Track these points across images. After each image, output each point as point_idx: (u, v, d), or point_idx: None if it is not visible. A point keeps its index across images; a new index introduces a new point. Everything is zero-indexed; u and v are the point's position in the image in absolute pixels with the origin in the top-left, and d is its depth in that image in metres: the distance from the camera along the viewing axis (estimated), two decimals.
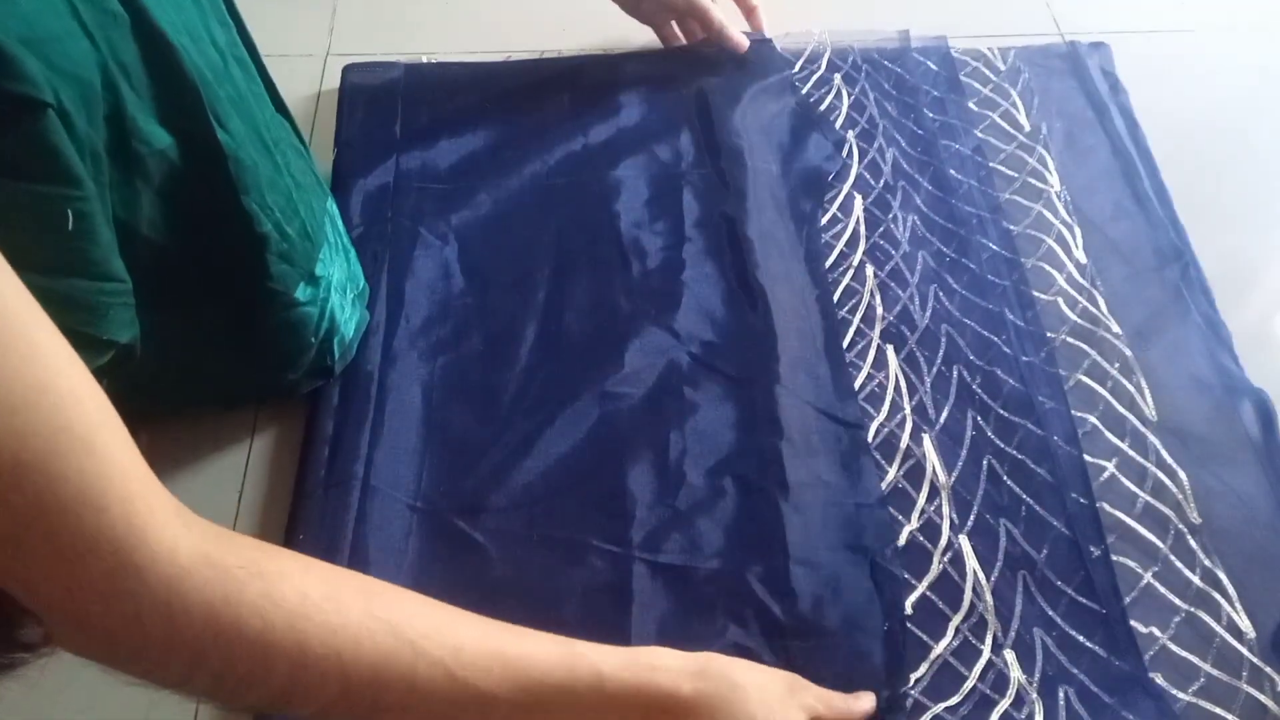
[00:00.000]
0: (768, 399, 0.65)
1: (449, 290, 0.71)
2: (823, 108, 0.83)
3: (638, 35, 0.88)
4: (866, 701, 0.54)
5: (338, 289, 0.62)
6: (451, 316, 0.70)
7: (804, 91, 0.85)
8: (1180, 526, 0.62)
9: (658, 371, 0.67)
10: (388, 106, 0.82)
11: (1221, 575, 0.60)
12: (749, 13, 0.88)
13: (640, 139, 0.80)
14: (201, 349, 0.58)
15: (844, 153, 0.80)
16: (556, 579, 0.58)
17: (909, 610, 0.58)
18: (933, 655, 0.57)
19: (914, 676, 0.56)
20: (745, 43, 0.85)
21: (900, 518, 0.62)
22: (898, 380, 0.68)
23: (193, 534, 0.37)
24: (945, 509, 0.62)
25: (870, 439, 0.65)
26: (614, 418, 0.64)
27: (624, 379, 0.66)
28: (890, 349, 0.69)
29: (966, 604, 0.58)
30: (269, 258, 0.54)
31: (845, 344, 0.70)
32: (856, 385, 0.68)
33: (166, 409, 0.63)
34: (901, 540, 0.61)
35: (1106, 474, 0.64)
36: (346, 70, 0.85)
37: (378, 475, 0.61)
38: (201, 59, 0.49)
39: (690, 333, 0.69)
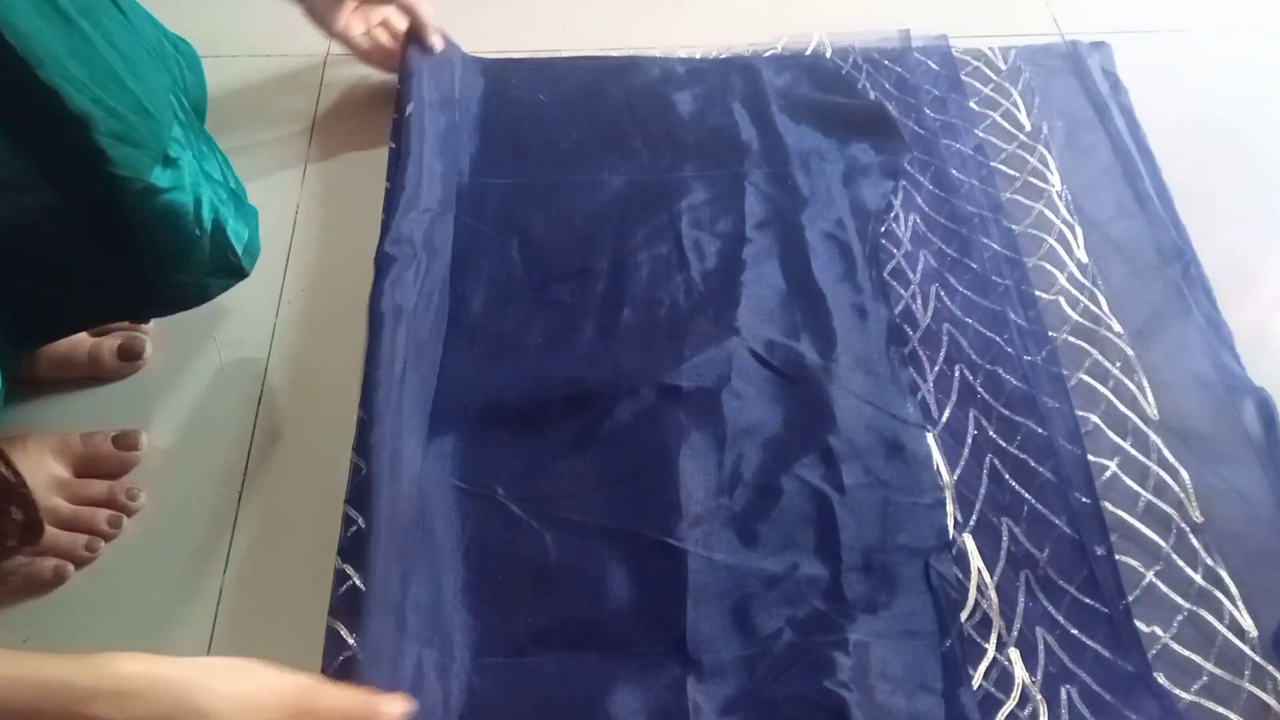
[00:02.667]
0: (825, 397, 0.65)
1: (509, 281, 0.71)
2: None
3: (636, 37, 0.88)
4: (396, 705, 0.49)
5: (209, 180, 0.58)
6: (511, 307, 0.70)
7: None
8: (1182, 525, 0.62)
9: (716, 369, 0.66)
10: (453, 87, 0.82)
11: (1224, 574, 0.60)
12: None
13: (701, 138, 0.80)
14: (79, 252, 0.54)
15: (905, 147, 0.80)
16: (612, 569, 0.58)
17: None
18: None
19: None
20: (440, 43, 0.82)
21: None
22: None
23: None
24: (948, 508, 0.62)
25: None
26: (671, 412, 0.64)
27: (682, 374, 0.66)
28: (893, 343, 0.69)
29: (971, 602, 0.58)
30: (101, 139, 0.49)
31: None
32: None
33: (80, 323, 0.61)
34: None
35: (1109, 473, 0.64)
36: (409, 34, 0.83)
37: (436, 461, 0.62)
38: None
39: (750, 331, 0.68)
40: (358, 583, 0.57)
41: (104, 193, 0.52)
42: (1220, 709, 0.55)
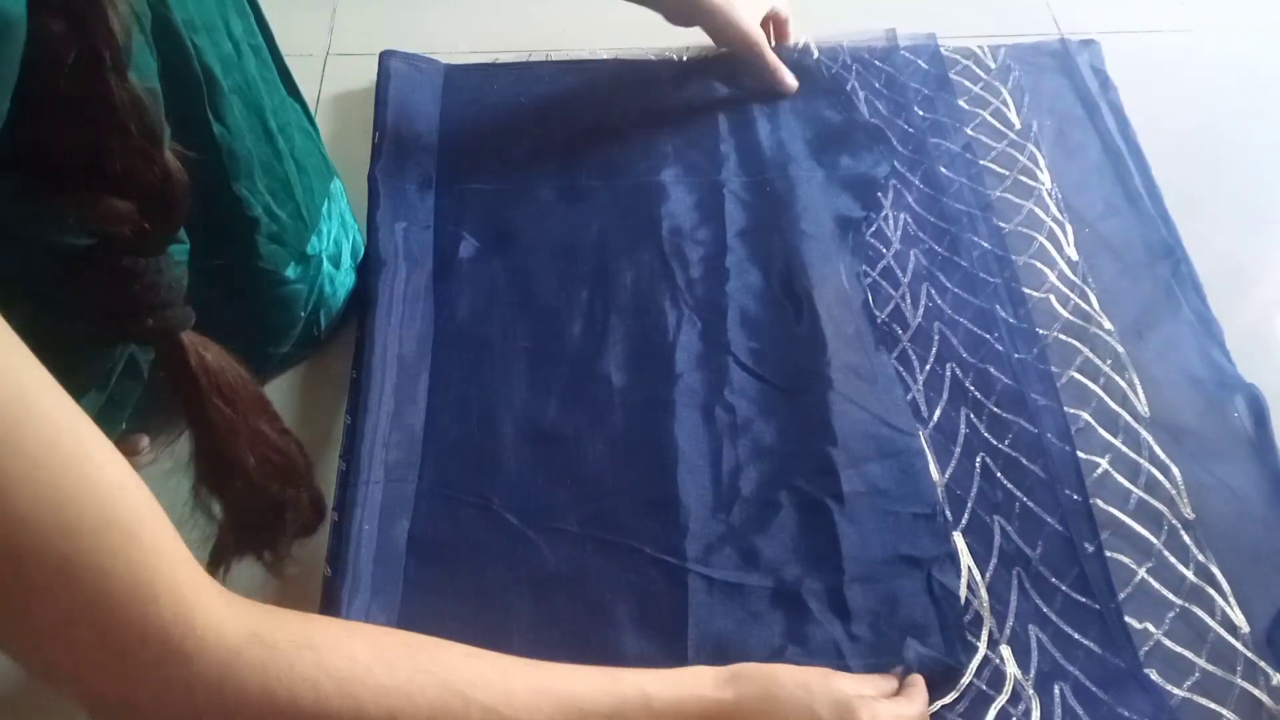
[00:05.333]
0: (820, 406, 0.65)
1: (493, 290, 0.71)
2: None
3: (635, 36, 0.88)
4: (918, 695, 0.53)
5: (332, 261, 0.63)
6: (496, 316, 0.70)
7: None
8: (1174, 522, 0.62)
9: (708, 385, 0.66)
10: (427, 103, 0.82)
11: (1215, 570, 0.60)
12: (779, 27, 0.87)
13: (680, 146, 0.80)
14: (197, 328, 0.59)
15: (887, 155, 0.80)
16: (612, 584, 0.58)
17: None
18: None
19: None
20: (794, 84, 0.83)
21: None
22: None
23: (238, 614, 0.37)
24: (943, 521, 0.61)
25: None
26: (665, 429, 0.64)
27: (674, 392, 0.66)
28: (883, 349, 0.69)
29: (961, 601, 0.58)
30: (259, 239, 0.55)
31: None
32: None
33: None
34: None
35: (1100, 470, 0.64)
36: (385, 56, 0.84)
37: (429, 472, 0.62)
38: (213, 51, 0.50)
39: (738, 343, 0.68)
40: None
41: (240, 278, 0.57)
42: (1212, 705, 0.55)
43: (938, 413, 0.66)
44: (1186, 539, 0.61)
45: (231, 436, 0.47)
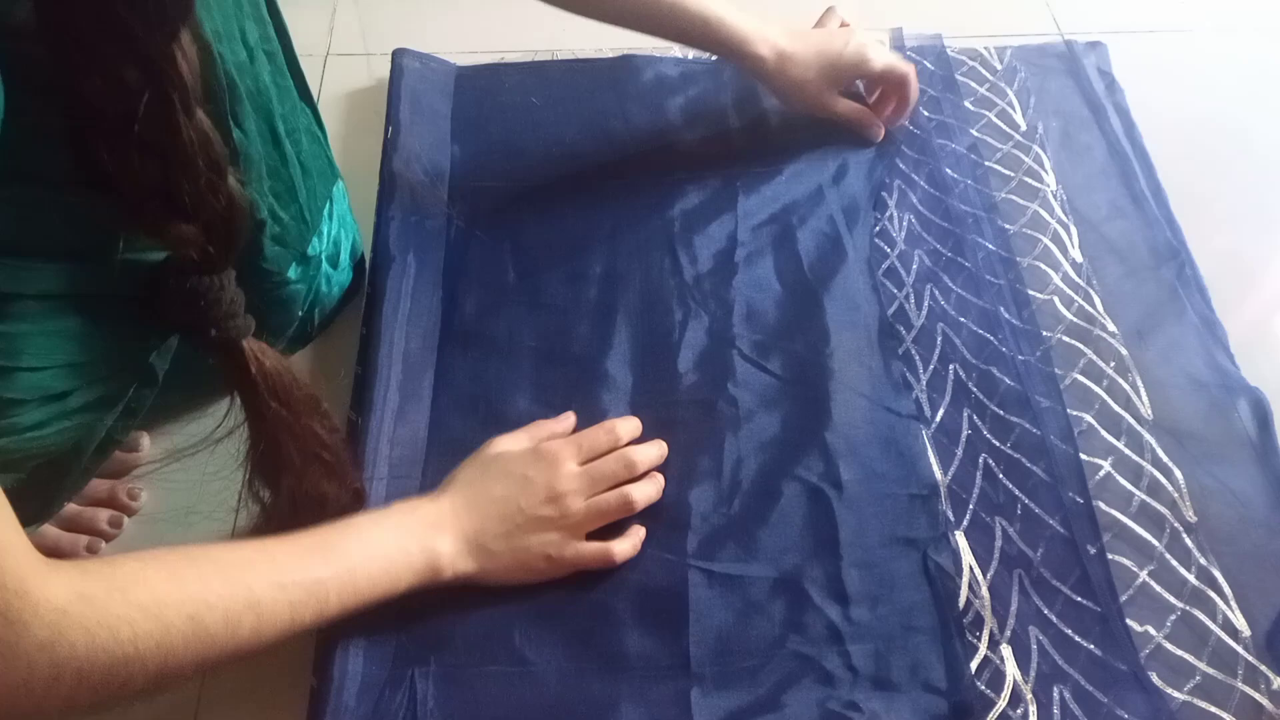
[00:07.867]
0: (821, 395, 0.65)
1: (502, 285, 0.72)
2: None
3: (634, 36, 0.88)
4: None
5: (330, 261, 0.64)
6: (505, 311, 0.70)
7: None
8: (1176, 525, 0.62)
9: (712, 380, 0.66)
10: (439, 101, 0.83)
11: (1217, 574, 0.60)
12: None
13: (690, 142, 0.80)
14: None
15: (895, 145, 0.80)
16: (612, 581, 0.58)
17: None
18: None
19: None
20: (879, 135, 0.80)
21: None
22: None
23: (64, 579, 0.40)
24: (941, 507, 0.62)
25: None
26: (667, 425, 0.64)
27: (677, 382, 0.66)
28: (888, 339, 0.69)
29: (963, 601, 0.58)
30: (264, 240, 0.56)
31: None
32: None
33: (178, 398, 0.64)
34: None
35: (1102, 472, 0.64)
36: (398, 54, 0.85)
37: (434, 470, 0.62)
38: (231, 58, 0.51)
39: (744, 339, 0.68)
40: None
41: (244, 279, 0.57)
42: (1213, 709, 0.55)
43: (940, 413, 0.66)
44: (1188, 542, 0.61)
45: (285, 436, 0.52)
